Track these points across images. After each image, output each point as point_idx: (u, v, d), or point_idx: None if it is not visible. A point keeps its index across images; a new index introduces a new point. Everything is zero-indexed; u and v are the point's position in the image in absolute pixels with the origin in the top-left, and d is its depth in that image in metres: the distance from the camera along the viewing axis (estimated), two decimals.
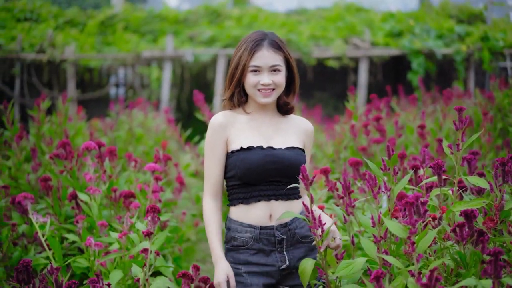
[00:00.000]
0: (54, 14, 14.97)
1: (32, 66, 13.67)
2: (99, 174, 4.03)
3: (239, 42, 2.91)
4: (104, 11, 15.38)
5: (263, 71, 2.82)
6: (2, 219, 4.16)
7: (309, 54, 12.95)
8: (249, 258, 2.82)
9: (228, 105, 2.95)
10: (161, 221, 3.97)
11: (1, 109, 6.11)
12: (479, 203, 2.64)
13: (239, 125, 2.91)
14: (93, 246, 3.48)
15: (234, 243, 2.86)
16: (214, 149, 2.89)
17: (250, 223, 2.83)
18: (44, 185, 4.34)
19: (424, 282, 2.10)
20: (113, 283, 3.21)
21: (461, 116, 2.88)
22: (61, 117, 6.62)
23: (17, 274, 2.79)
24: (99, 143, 4.14)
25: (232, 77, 2.87)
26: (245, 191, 2.84)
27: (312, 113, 10.20)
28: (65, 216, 4.38)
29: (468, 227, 2.42)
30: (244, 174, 2.82)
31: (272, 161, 2.83)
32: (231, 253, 2.87)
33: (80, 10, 15.62)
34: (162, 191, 3.80)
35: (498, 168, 2.72)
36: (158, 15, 15.13)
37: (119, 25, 14.65)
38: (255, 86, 2.83)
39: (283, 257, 2.84)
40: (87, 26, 14.50)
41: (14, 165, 5.62)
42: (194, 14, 15.21)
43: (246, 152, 2.83)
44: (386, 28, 13.55)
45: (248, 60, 2.82)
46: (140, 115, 8.57)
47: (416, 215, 2.46)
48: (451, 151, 2.88)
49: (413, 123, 5.56)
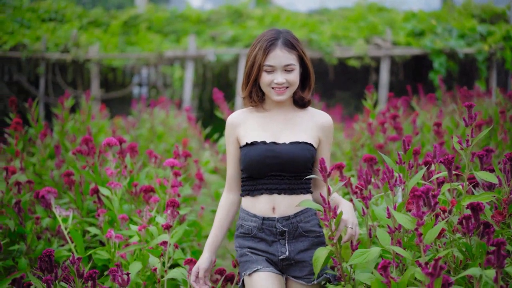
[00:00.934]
0: (78, 14, 15.17)
1: (57, 65, 13.88)
2: (120, 169, 4.14)
3: (253, 42, 3.00)
4: (128, 11, 15.54)
5: (276, 70, 2.92)
6: (27, 213, 4.28)
7: (330, 53, 13.00)
8: (253, 244, 2.99)
9: (248, 103, 3.07)
10: (180, 215, 4.07)
11: (26, 107, 6.26)
12: (488, 197, 2.71)
13: (251, 122, 3.05)
14: (113, 238, 3.59)
15: (241, 230, 3.03)
16: (228, 146, 3.11)
17: (255, 213, 2.98)
18: (67, 180, 4.48)
19: (429, 271, 2.17)
20: (133, 274, 3.31)
21: (470, 112, 2.94)
22: (84, 115, 6.77)
23: (40, 263, 2.90)
24: (120, 139, 4.25)
25: (249, 76, 2.98)
26: (251, 183, 3.00)
27: (332, 112, 10.25)
28: (87, 210, 4.50)
29: (474, 219, 2.49)
30: (246, 168, 2.99)
31: (271, 156, 2.95)
32: (238, 239, 3.05)
33: (104, 11, 15.80)
34: (181, 186, 3.89)
35: (506, 163, 2.78)
36: (180, 15, 15.26)
37: (142, 25, 14.80)
38: (269, 84, 2.94)
39: (283, 248, 2.97)
40: (110, 26, 14.67)
41: (38, 161, 5.76)
42: (217, 14, 15.32)
43: (249, 148, 2.98)
44: (408, 28, 13.54)
45: (262, 59, 2.91)
46: (162, 114, 8.69)
47: (426, 207, 2.54)
48: (461, 147, 2.94)
49: (430, 122, 5.61)
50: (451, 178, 2.91)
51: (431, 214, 2.54)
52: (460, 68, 13.44)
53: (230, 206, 3.12)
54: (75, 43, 13.23)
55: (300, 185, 3.01)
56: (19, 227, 4.12)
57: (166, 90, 14.51)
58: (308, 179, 3.02)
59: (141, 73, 15.86)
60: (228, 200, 3.12)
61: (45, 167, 5.78)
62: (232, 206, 3.13)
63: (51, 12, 14.92)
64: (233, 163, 3.10)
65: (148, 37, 14.09)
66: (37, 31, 13.54)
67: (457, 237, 2.63)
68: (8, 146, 5.61)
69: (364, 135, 5.65)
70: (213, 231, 3.10)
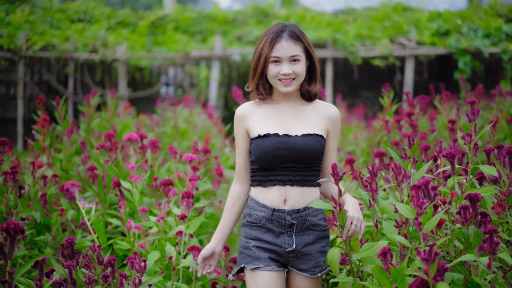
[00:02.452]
0: (106, 15, 15.42)
1: (85, 65, 14.14)
2: (140, 164, 4.31)
3: (261, 36, 3.07)
4: (155, 12, 15.75)
5: (283, 62, 2.99)
6: (52, 205, 4.47)
7: (355, 53, 13.07)
8: (260, 235, 3.02)
9: (255, 96, 3.12)
10: (197, 207, 4.23)
11: (54, 105, 6.48)
12: (488, 190, 2.83)
13: (260, 115, 3.10)
14: (133, 228, 3.76)
15: (248, 219, 3.07)
16: (236, 139, 3.17)
17: (265, 204, 3.03)
18: (90, 174, 4.66)
19: (424, 256, 2.30)
20: (151, 263, 3.48)
21: (473, 108, 3.07)
22: (110, 113, 6.96)
23: (63, 250, 3.06)
24: (141, 135, 4.42)
25: (256, 68, 3.05)
26: (263, 174, 3.05)
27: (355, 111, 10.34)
28: (110, 203, 4.69)
29: (472, 209, 2.60)
30: (258, 160, 3.03)
31: (284, 148, 3.00)
32: (244, 228, 3.09)
33: (132, 11, 16.03)
34: (199, 180, 4.03)
35: (505, 157, 2.89)
36: (207, 15, 15.43)
37: (169, 25, 15.01)
38: (276, 76, 3.00)
39: (291, 240, 3.01)
40: (138, 27, 14.89)
41: (65, 157, 5.98)
42: (243, 14, 15.47)
43: (262, 139, 3.03)
44: (433, 28, 13.55)
45: (269, 51, 2.98)
46: (185, 112, 8.86)
47: (426, 198, 2.66)
48: (465, 142, 3.07)
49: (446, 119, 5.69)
50: (454, 171, 3.02)
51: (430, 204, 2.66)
52: (486, 68, 13.43)
53: (238, 197, 3.17)
54: (103, 43, 13.45)
55: (311, 177, 3.08)
56: (44, 218, 4.32)
57: (192, 90, 14.71)
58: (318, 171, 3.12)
59: (168, 73, 16.07)
60: (235, 191, 3.17)
61: (72, 163, 5.99)
62: (240, 196, 3.17)
63: (80, 12, 15.19)
64: (242, 154, 3.15)
65: (175, 37, 14.27)
66: (66, 32, 13.78)
67: (456, 227, 2.74)
68: (36, 142, 5.82)
69: (381, 132, 5.76)
70: (221, 221, 3.19)
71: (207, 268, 3.18)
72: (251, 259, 3.01)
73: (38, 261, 2.62)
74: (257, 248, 3.02)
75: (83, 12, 15.23)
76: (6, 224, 2.38)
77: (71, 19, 15.02)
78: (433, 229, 2.81)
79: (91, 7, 15.46)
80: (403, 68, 13.87)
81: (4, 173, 4.07)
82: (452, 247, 2.81)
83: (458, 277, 2.63)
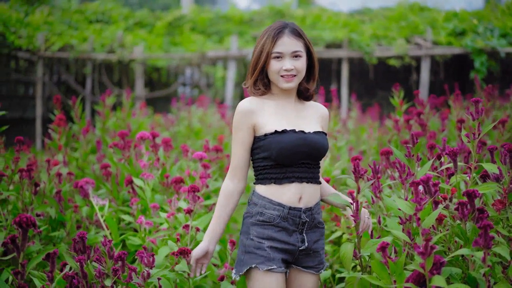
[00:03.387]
0: (124, 15, 15.58)
1: (103, 65, 14.32)
2: (152, 162, 4.41)
3: (261, 34, 3.08)
4: (172, 12, 15.89)
5: (285, 57, 3.00)
6: (67, 202, 4.59)
7: (370, 53, 13.11)
8: (273, 234, 2.98)
9: (253, 91, 3.12)
10: (208, 204, 4.32)
11: (70, 105, 6.61)
12: (488, 187, 2.90)
13: (268, 110, 3.07)
14: (144, 224, 3.85)
15: (260, 218, 3.00)
16: (240, 133, 3.05)
17: (280, 202, 2.99)
18: (104, 172, 4.77)
19: (420, 250, 2.37)
20: (161, 258, 3.57)
21: (477, 107, 3.13)
22: (125, 113, 7.08)
23: (74, 244, 3.16)
24: (153, 134, 4.51)
25: (256, 64, 3.04)
26: (278, 171, 3.01)
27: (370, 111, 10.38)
28: (123, 200, 4.80)
29: (470, 205, 2.67)
30: (279, 156, 2.98)
31: (304, 144, 3.01)
32: (255, 227, 3.00)
33: (149, 12, 16.17)
34: (209, 178, 4.11)
35: (506, 155, 2.95)
36: (224, 16, 15.55)
37: (186, 26, 15.14)
38: (278, 72, 3.01)
39: (303, 238, 3.03)
40: (155, 27, 15.04)
41: (80, 156, 6.09)
42: (259, 14, 15.56)
43: (280, 135, 3.00)
44: (449, 27, 13.55)
45: (271, 47, 2.98)
46: (200, 111, 8.97)
47: (427, 194, 2.74)
48: (468, 140, 3.14)
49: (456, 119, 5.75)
50: (456, 169, 3.09)
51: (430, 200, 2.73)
52: (502, 68, 13.41)
53: (231, 195, 3.09)
54: (120, 43, 13.60)
55: (318, 174, 3.13)
56: (59, 215, 4.43)
57: (208, 90, 14.82)
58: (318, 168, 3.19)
59: (185, 73, 16.20)
60: (229, 188, 3.09)
61: (87, 161, 6.11)
62: (233, 194, 3.10)
63: (98, 13, 15.37)
64: (243, 150, 3.06)
65: (192, 37, 14.39)
66: (85, 32, 13.96)
67: (456, 224, 2.81)
68: (52, 141, 5.95)
69: (391, 131, 5.82)
70: (213, 220, 3.09)
71: (199, 268, 3.13)
72: (264, 260, 2.96)
73: (49, 253, 2.72)
74: (271, 248, 2.98)
75: (101, 13, 15.42)
76: (19, 218, 2.49)
77: (89, 20, 15.22)
78: (434, 225, 2.89)
79: (109, 8, 15.63)
80: (419, 68, 13.90)
81: (20, 170, 4.19)
82: (453, 242, 2.87)
83: (457, 272, 2.69)
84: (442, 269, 2.61)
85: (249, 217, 3.05)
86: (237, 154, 3.08)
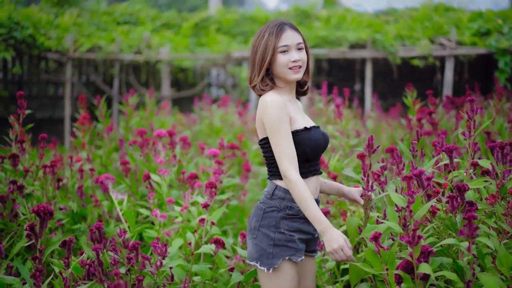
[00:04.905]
0: (151, 17, 15.84)
1: (130, 66, 14.59)
2: (168, 158, 4.61)
3: (257, 34, 3.21)
4: (199, 13, 16.11)
5: (291, 50, 3.13)
6: (88, 196, 4.82)
7: (394, 53, 13.18)
8: (300, 226, 3.12)
9: (261, 88, 3.18)
10: (221, 199, 4.51)
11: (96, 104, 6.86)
12: (479, 183, 3.06)
13: (290, 106, 3.17)
14: (158, 217, 4.06)
15: (289, 212, 3.09)
16: (285, 125, 3.04)
17: None
18: (123, 168, 5.00)
19: (408, 239, 2.53)
20: (175, 249, 3.78)
21: (472, 106, 3.29)
22: (148, 112, 7.31)
23: (91, 234, 3.37)
24: (170, 132, 4.72)
25: (262, 60, 3.14)
26: (305, 166, 3.14)
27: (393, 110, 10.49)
28: (141, 195, 5.01)
29: (460, 198, 2.83)
30: (312, 152, 3.13)
31: (324, 140, 3.20)
32: (285, 221, 3.08)
33: (176, 13, 16.41)
34: (223, 173, 4.30)
35: (498, 152, 3.11)
36: (249, 17, 15.71)
37: (212, 27, 15.34)
38: (286, 65, 3.12)
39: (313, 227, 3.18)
40: (182, 28, 15.27)
41: (104, 154, 6.33)
42: (284, 15, 15.69)
43: (309, 132, 3.14)
44: (474, 27, 13.55)
45: (276, 42, 3.11)
46: (221, 111, 9.18)
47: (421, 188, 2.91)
48: (464, 138, 3.30)
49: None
50: (452, 165, 3.25)
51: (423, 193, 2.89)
52: None
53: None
54: (147, 44, 13.83)
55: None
56: (81, 209, 4.66)
57: (234, 90, 15.02)
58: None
59: (211, 74, 16.41)
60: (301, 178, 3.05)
61: (110, 158, 6.34)
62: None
63: (126, 15, 15.65)
64: (291, 142, 3.06)
65: (217, 38, 14.58)
66: (112, 34, 14.20)
67: (448, 216, 2.96)
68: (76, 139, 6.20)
69: (404, 130, 5.97)
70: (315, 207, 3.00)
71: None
72: (295, 251, 3.08)
73: (65, 241, 2.94)
74: (299, 240, 3.12)
75: (128, 14, 15.69)
76: (37, 207, 2.70)
77: (117, 22, 15.49)
78: (428, 217, 3.05)
79: (136, 10, 15.91)
80: (443, 68, 13.93)
81: (44, 166, 4.43)
82: (448, 234, 3.03)
83: (447, 261, 2.84)
84: (433, 258, 2.79)
85: (275, 211, 3.10)
86: (290, 146, 3.05)
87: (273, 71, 3.18)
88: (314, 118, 7.68)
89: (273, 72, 3.18)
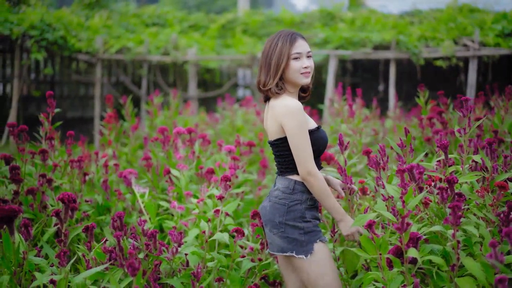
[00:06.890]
0: (179, 19, 16.17)
1: (158, 67, 14.92)
2: (187, 154, 4.90)
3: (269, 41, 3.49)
4: (226, 15, 16.39)
5: (302, 57, 3.45)
6: (112, 190, 5.12)
7: (417, 54, 13.31)
8: (315, 213, 3.50)
9: (276, 92, 3.46)
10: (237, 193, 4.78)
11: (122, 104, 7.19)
12: (471, 177, 3.29)
13: None
14: (176, 208, 4.35)
15: (309, 202, 3.45)
16: (306, 127, 3.38)
17: None
18: (146, 164, 5.30)
19: (397, 226, 2.78)
20: (191, 238, 4.05)
21: (467, 105, 3.52)
22: (172, 111, 7.60)
23: (113, 222, 3.66)
24: (189, 129, 5.01)
25: (278, 66, 3.43)
26: (317, 162, 3.52)
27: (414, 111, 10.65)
28: (162, 189, 5.31)
29: (450, 190, 3.06)
30: (323, 149, 3.54)
31: (326, 138, 3.58)
32: (308, 211, 3.45)
33: (204, 15, 16.70)
34: (238, 168, 4.57)
35: (487, 148, 3.34)
36: (275, 18, 15.95)
37: (238, 28, 15.60)
38: (298, 70, 3.43)
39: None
40: (209, 30, 15.56)
41: (129, 151, 6.64)
42: (310, 17, 15.91)
43: (321, 131, 3.53)
44: (498, 29, 13.63)
45: (290, 49, 3.42)
46: (243, 110, 9.44)
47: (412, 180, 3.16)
48: (460, 135, 3.54)
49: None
50: (447, 161, 3.49)
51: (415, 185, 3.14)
52: None
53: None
54: (174, 46, 14.12)
55: None
56: (105, 201, 4.97)
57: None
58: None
59: (238, 74, 16.68)
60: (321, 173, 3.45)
61: (135, 155, 6.65)
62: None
63: (154, 17, 15.99)
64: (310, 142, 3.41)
65: (243, 40, 14.82)
66: (141, 35, 14.51)
67: (438, 207, 3.20)
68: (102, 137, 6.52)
69: (416, 129, 6.18)
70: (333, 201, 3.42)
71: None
72: (320, 234, 3.46)
73: (87, 226, 3.23)
74: (318, 225, 3.49)
75: (157, 16, 16.03)
76: (62, 195, 3.00)
77: (145, 23, 15.84)
78: (420, 208, 3.29)
79: (164, 12, 16.24)
80: (466, 69, 14.03)
81: (71, 161, 4.74)
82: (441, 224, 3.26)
83: (438, 248, 3.08)
84: (425, 245, 3.04)
85: (298, 204, 3.44)
86: (310, 146, 3.39)
87: (285, 76, 3.47)
88: (333, 117, 7.91)
89: (285, 77, 3.48)
